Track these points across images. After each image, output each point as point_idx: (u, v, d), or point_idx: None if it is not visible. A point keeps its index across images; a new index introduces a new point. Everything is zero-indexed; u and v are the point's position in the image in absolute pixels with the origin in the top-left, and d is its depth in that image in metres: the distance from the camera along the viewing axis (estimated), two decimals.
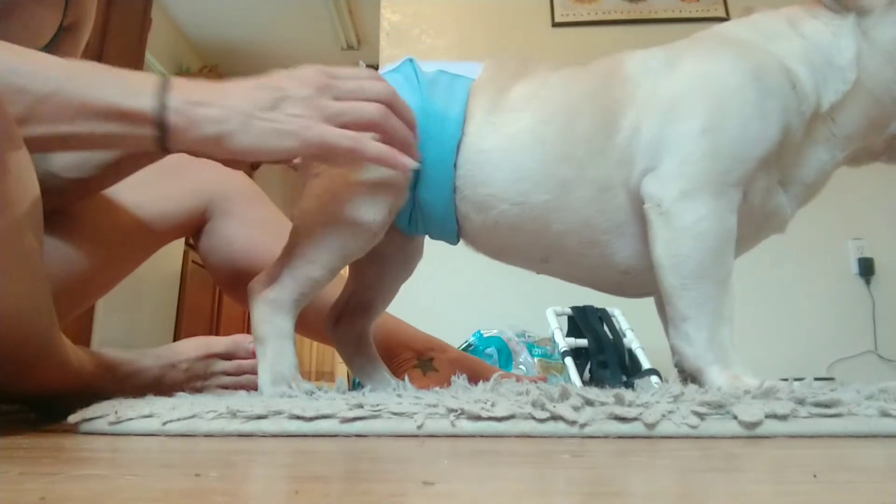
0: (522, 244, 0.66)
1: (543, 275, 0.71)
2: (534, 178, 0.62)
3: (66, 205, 0.76)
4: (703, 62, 0.61)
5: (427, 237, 0.73)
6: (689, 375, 0.57)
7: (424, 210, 0.67)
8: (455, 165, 0.64)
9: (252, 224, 0.87)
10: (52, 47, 0.66)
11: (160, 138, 0.52)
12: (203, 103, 0.52)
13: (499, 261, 0.71)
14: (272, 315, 0.61)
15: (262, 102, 0.54)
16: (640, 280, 0.64)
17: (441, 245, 0.70)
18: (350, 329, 0.74)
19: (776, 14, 0.63)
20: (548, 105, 0.64)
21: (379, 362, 0.75)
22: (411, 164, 0.56)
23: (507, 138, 0.63)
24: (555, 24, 2.41)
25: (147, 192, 0.82)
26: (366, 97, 0.57)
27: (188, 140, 0.53)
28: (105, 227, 0.80)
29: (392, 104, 0.57)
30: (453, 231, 0.67)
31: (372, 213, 0.62)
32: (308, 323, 0.73)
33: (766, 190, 0.59)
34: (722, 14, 2.40)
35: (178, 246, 2.87)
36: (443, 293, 1.97)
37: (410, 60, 0.69)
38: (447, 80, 0.66)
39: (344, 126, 0.55)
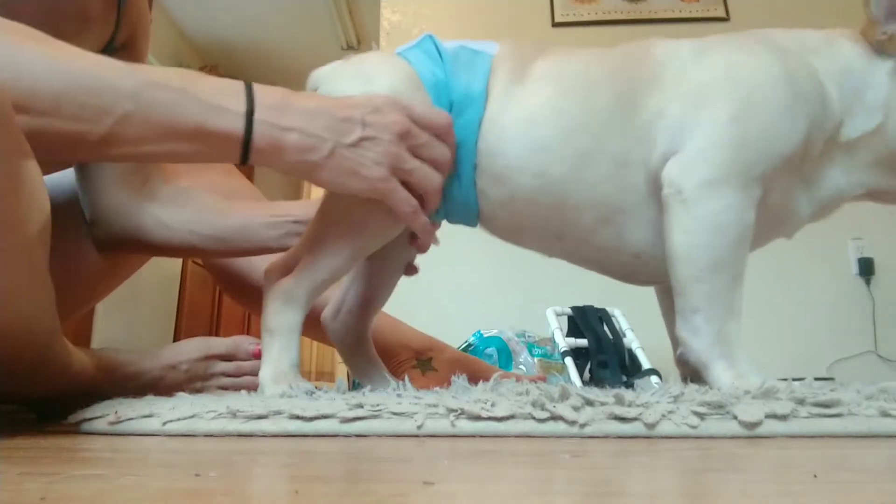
0: (539, 219, 0.65)
1: (554, 257, 0.70)
2: (553, 149, 0.61)
3: (166, 253, 0.81)
4: (739, 54, 0.60)
5: (445, 222, 0.72)
6: (690, 371, 0.56)
7: (446, 191, 0.65)
8: (475, 141, 0.63)
9: None
10: None
11: (244, 158, 0.52)
12: (290, 129, 0.52)
13: (513, 242, 0.70)
14: (284, 307, 0.61)
15: (347, 138, 0.54)
16: (652, 266, 0.63)
17: (441, 245, 0.70)
18: (348, 326, 0.74)
19: (820, 31, 0.63)
20: (569, 78, 0.63)
21: (378, 362, 0.75)
22: (433, 245, 0.66)
23: (527, 110, 0.63)
24: (555, 24, 2.41)
25: None
26: (431, 155, 0.59)
27: (270, 163, 0.54)
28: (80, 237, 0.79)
29: (447, 167, 0.60)
30: (474, 211, 0.66)
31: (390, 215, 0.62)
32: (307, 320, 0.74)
33: (785, 191, 0.59)
34: (722, 14, 2.40)
35: None
36: (443, 293, 1.97)
37: (430, 36, 0.68)
38: (468, 55, 0.66)
39: (406, 182, 0.58)
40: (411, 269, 0.75)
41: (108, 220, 0.76)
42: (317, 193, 4.43)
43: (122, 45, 0.70)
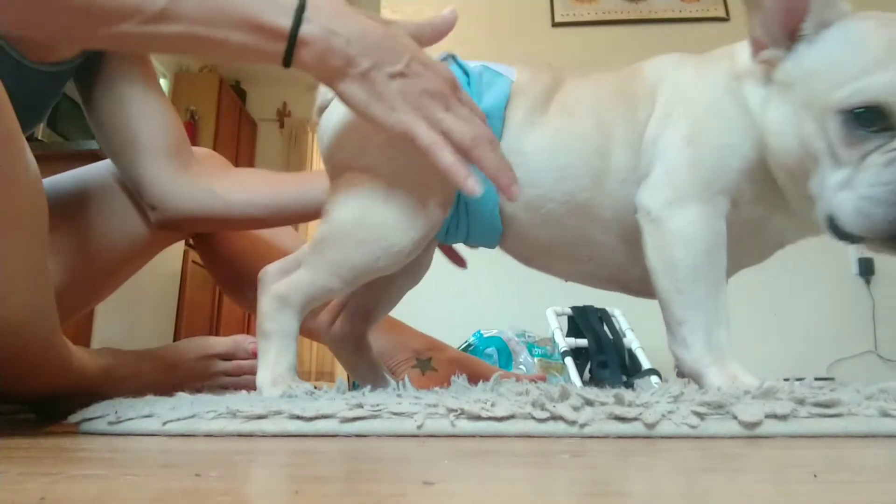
0: (566, 240, 0.66)
1: (572, 280, 0.71)
2: (575, 176, 0.63)
3: (228, 226, 0.84)
4: (696, 74, 0.62)
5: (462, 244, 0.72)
6: (689, 379, 0.57)
7: (470, 215, 0.66)
8: None
9: None
10: None
11: (287, 57, 0.52)
12: (337, 33, 0.51)
13: (537, 264, 0.71)
14: (280, 312, 0.60)
15: (389, 66, 0.53)
16: None
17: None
18: (348, 332, 0.73)
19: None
20: (580, 104, 0.65)
21: (378, 366, 0.75)
22: (477, 188, 0.53)
23: (549, 139, 0.64)
24: (555, 24, 2.41)
25: None
26: (471, 125, 0.55)
27: (309, 64, 0.52)
28: (108, 228, 0.80)
29: (489, 144, 0.55)
30: (497, 233, 0.67)
31: (411, 234, 0.61)
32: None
33: (755, 203, 0.59)
34: (722, 14, 2.39)
35: (178, 246, 2.87)
36: (443, 293, 1.97)
37: (453, 56, 0.68)
38: (490, 77, 0.66)
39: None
40: (459, 261, 0.77)
41: (165, 202, 0.79)
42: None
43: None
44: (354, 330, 0.74)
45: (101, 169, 0.84)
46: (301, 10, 0.51)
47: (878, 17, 0.53)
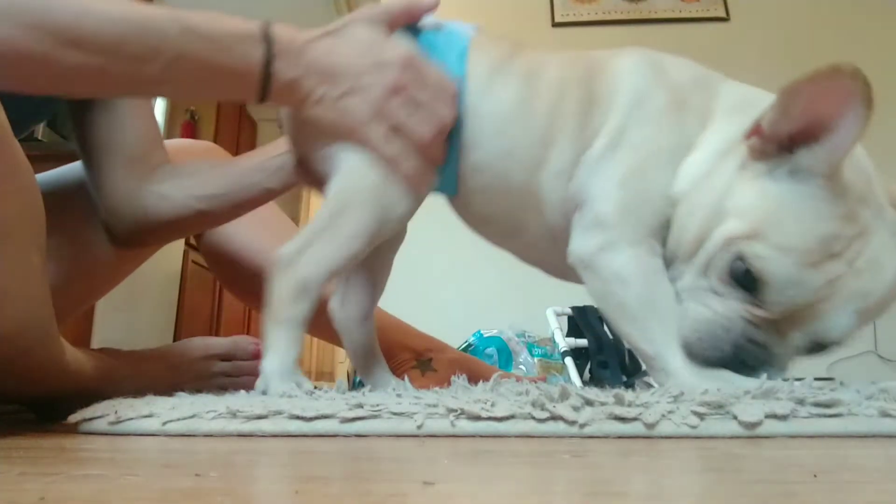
0: (502, 214, 0.67)
1: (510, 253, 0.72)
2: (517, 158, 0.63)
3: (181, 229, 0.82)
4: (661, 112, 0.60)
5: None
6: None
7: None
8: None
9: (253, 220, 0.87)
10: None
11: (262, 99, 0.58)
12: (297, 79, 0.58)
13: (478, 232, 0.71)
14: (298, 301, 0.58)
15: (338, 88, 0.59)
16: None
17: (442, 245, 0.70)
18: (355, 311, 0.72)
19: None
20: (546, 80, 0.64)
21: (381, 360, 0.75)
22: (426, 193, 0.63)
23: (504, 106, 0.64)
24: (555, 24, 2.41)
25: None
26: (432, 113, 0.60)
27: (282, 103, 0.61)
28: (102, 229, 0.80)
29: (445, 128, 0.62)
30: (453, 181, 0.67)
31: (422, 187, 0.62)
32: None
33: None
34: (722, 14, 2.40)
35: (178, 246, 2.87)
36: (443, 293, 1.98)
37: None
38: (446, 34, 0.67)
39: (396, 134, 0.60)
40: None
41: (118, 212, 0.77)
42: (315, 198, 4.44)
43: None
44: (361, 306, 0.72)
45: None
46: (268, 64, 0.57)
47: (856, 196, 0.51)
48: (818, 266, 0.50)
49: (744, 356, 0.53)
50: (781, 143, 0.53)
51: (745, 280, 0.52)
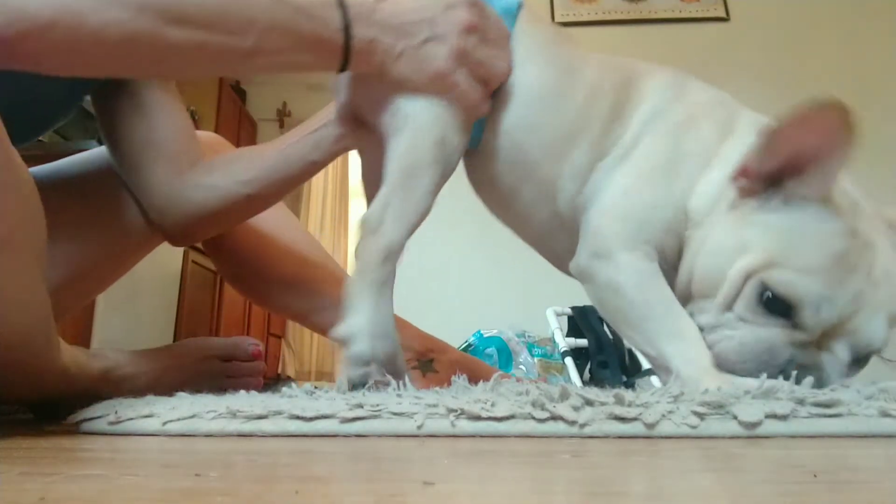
0: (519, 202, 0.68)
1: (506, 226, 0.73)
2: (539, 152, 0.65)
3: (232, 218, 0.83)
4: (678, 128, 0.62)
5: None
6: None
7: None
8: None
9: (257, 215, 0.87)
10: None
11: (342, 67, 0.59)
12: (373, 38, 0.58)
13: (483, 198, 0.73)
14: (383, 265, 0.58)
15: (415, 39, 0.60)
16: None
17: (442, 245, 0.70)
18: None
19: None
20: (584, 76, 0.66)
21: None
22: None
23: (542, 82, 0.65)
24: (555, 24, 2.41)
25: None
26: (503, 49, 0.64)
27: (360, 68, 0.60)
28: (106, 221, 0.80)
29: (508, 69, 0.65)
30: (478, 135, 0.68)
31: (468, 132, 0.63)
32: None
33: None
34: (722, 14, 2.40)
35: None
36: (443, 293, 1.97)
37: None
38: None
39: (476, 72, 0.62)
40: None
41: (166, 211, 0.78)
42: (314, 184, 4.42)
43: None
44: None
45: (102, 155, 0.83)
46: (347, 28, 0.57)
47: (853, 214, 0.53)
48: (843, 282, 0.51)
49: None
50: (769, 179, 0.55)
51: (778, 307, 0.52)
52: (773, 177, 0.54)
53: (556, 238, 0.67)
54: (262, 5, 0.54)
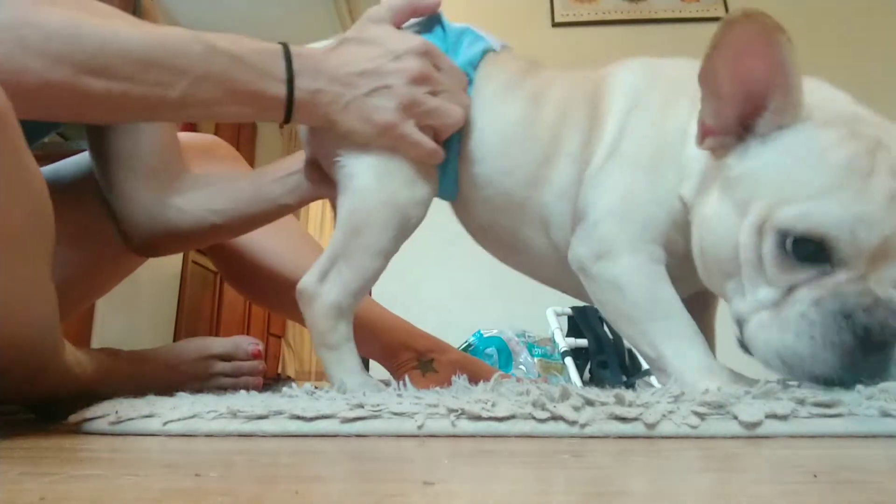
0: (504, 231, 0.67)
1: (516, 270, 0.72)
2: (519, 176, 0.64)
3: (197, 241, 0.84)
4: (656, 112, 0.59)
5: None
6: None
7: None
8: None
9: None
10: None
11: (286, 118, 0.58)
12: (319, 90, 0.58)
13: (480, 242, 0.72)
14: (338, 323, 0.60)
15: (363, 89, 0.59)
16: None
17: (442, 245, 0.70)
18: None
19: None
20: (551, 101, 0.64)
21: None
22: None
23: (509, 127, 0.64)
24: (555, 24, 2.40)
25: None
26: (456, 96, 0.62)
27: (305, 119, 0.61)
28: (106, 225, 0.80)
29: (462, 118, 0.63)
30: (453, 186, 0.67)
31: (428, 183, 0.63)
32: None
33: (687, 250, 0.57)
34: (722, 14, 2.39)
35: None
36: (443, 293, 1.97)
37: (438, 17, 0.70)
38: (471, 38, 0.68)
39: (426, 123, 0.61)
40: None
41: (135, 223, 0.77)
42: None
43: None
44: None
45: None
46: (290, 81, 0.57)
47: (846, 121, 0.47)
48: (864, 191, 0.43)
49: (876, 335, 0.44)
50: (735, 129, 0.50)
51: (808, 249, 0.45)
52: (739, 123, 0.50)
53: (569, 271, 0.62)
54: (194, 55, 0.53)
